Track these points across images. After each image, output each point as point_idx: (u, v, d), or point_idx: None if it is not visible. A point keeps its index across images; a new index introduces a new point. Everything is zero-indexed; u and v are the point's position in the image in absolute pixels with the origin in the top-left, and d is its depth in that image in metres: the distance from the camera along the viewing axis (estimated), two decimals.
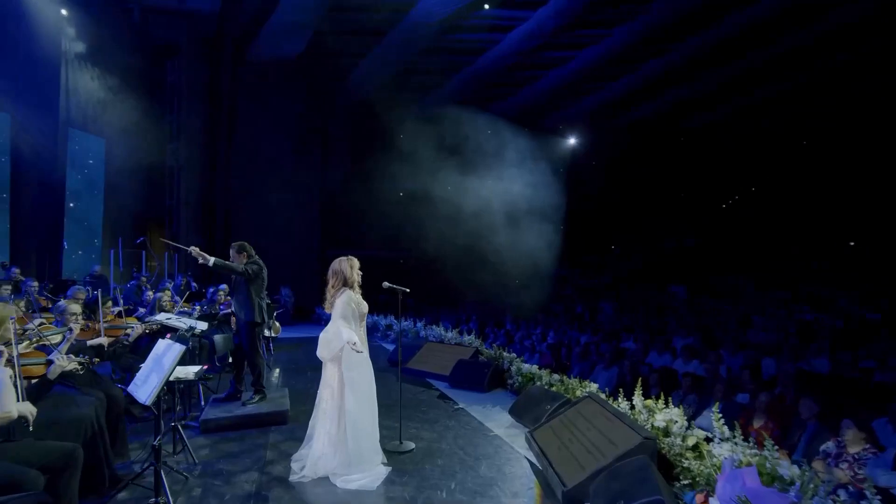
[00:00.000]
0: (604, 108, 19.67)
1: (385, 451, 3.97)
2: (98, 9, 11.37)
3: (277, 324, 9.36)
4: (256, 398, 4.99)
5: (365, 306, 3.89)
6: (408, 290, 4.21)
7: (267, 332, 9.13)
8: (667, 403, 3.60)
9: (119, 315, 5.29)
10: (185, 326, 4.51)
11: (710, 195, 22.65)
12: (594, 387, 4.65)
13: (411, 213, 16.68)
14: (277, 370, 7.67)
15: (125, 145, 12.56)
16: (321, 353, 3.74)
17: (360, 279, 3.91)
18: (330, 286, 3.80)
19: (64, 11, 9.90)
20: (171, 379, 3.21)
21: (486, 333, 12.49)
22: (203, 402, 5.28)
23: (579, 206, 19.08)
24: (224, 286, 7.60)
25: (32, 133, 10.37)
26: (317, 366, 7.79)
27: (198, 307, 7.19)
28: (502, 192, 14.92)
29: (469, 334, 8.39)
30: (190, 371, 3.26)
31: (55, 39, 10.26)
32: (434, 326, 9.16)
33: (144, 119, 13.15)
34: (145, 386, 2.90)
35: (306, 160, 17.31)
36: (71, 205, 11.18)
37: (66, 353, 3.81)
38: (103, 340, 3.90)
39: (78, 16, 10.69)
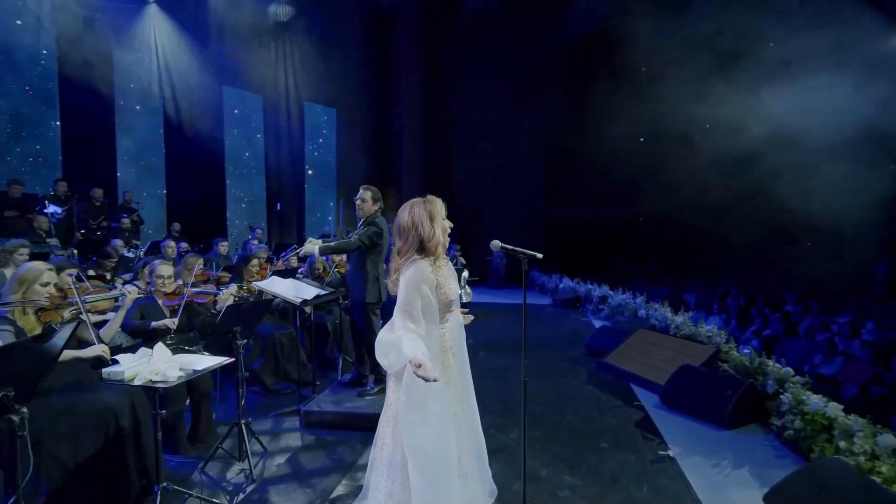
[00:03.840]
0: None
1: None
2: None
3: (469, 289, 8.35)
4: (375, 389, 3.89)
5: (453, 289, 2.18)
6: (539, 256, 2.30)
7: None
8: None
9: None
10: (283, 294, 3.65)
11: None
12: None
13: (656, 159, 13.44)
14: None
15: (354, 113, 13.36)
16: (381, 361, 2.22)
17: (446, 240, 2.22)
18: (395, 252, 2.21)
19: None
20: (141, 383, 2.21)
21: (751, 315, 8.92)
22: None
23: None
24: None
25: (277, 110, 11.76)
26: (501, 344, 6.48)
27: None
28: (796, 115, 10.25)
29: (712, 318, 5.66)
30: (172, 371, 2.17)
31: (283, 17, 11.23)
32: (657, 306, 6.60)
33: (370, 86, 13.77)
34: None
35: (527, 111, 15.66)
36: (310, 172, 12.47)
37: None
38: (169, 322, 3.23)
39: None
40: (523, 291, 2.34)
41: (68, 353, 2.57)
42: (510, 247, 2.31)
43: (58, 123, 9.11)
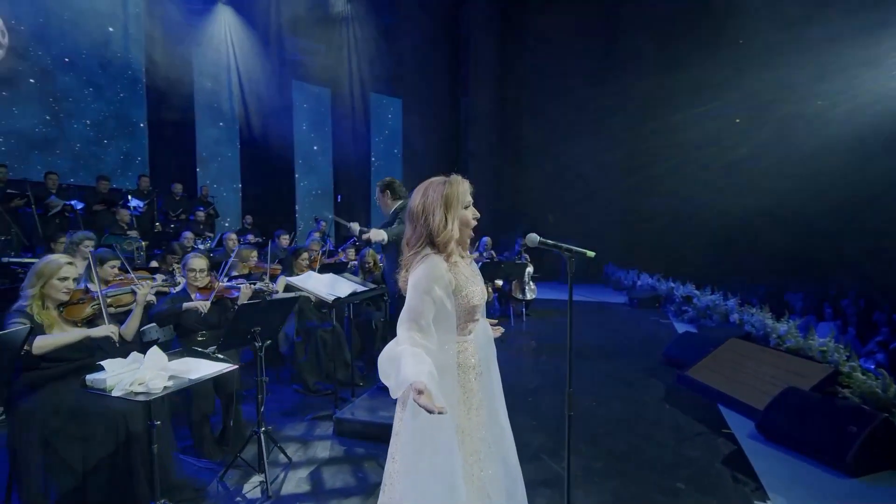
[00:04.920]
0: None
1: None
2: None
3: (533, 284, 7.81)
4: None
5: (478, 292, 1.70)
6: (590, 254, 1.78)
7: (520, 295, 7.73)
8: None
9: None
10: (314, 291, 3.39)
11: None
12: None
13: (757, 142, 11.93)
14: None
15: (420, 102, 13.14)
16: (384, 382, 1.81)
17: (466, 234, 1.74)
18: (404, 243, 1.78)
19: None
20: (120, 394, 1.98)
21: (874, 323, 7.51)
22: None
23: None
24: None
25: (344, 102, 11.81)
26: (566, 347, 5.84)
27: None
28: None
29: (823, 325, 4.67)
30: (157, 381, 1.91)
31: (349, 9, 11.19)
32: (754, 310, 5.63)
33: (437, 74, 13.47)
34: None
35: (608, 91, 14.47)
36: (376, 164, 12.44)
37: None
38: (200, 304, 3.15)
39: None
40: (569, 295, 1.83)
41: (80, 333, 2.45)
42: (551, 241, 1.81)
43: (144, 124, 9.71)
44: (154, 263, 5.39)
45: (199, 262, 3.34)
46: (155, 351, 2.10)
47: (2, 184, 6.39)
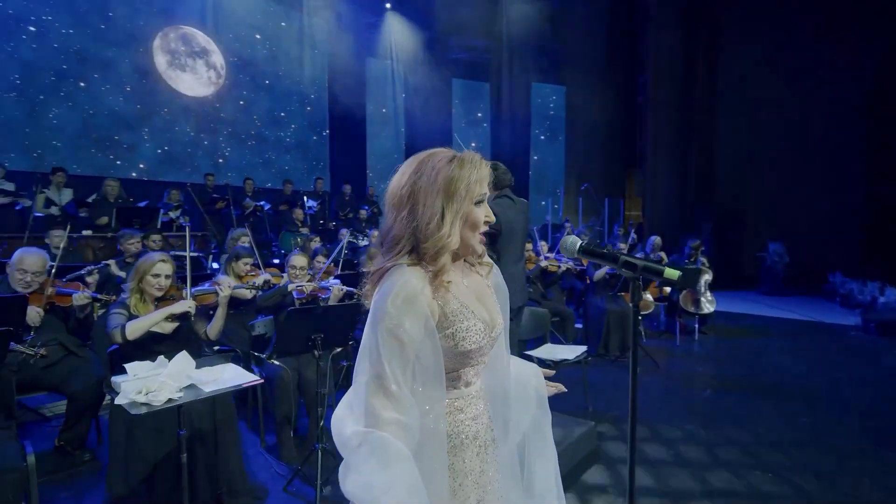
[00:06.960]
0: None
1: None
2: None
3: (710, 295, 6.29)
4: None
5: (476, 332, 1.06)
6: (672, 275, 1.00)
7: (692, 308, 6.30)
8: None
9: None
10: None
11: None
12: None
13: None
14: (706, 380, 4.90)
15: (588, 88, 12.02)
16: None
17: (473, 244, 1.09)
18: (378, 241, 1.16)
19: None
20: (123, 402, 1.84)
21: None
22: None
23: None
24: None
25: (503, 95, 11.47)
26: (752, 383, 4.45)
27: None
28: None
29: None
30: (161, 392, 1.70)
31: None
32: None
33: (609, 55, 12.17)
34: None
35: (837, 49, 11.15)
36: (535, 157, 11.80)
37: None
38: (306, 286, 3.18)
39: None
40: (633, 333, 1.13)
41: (162, 311, 2.54)
42: (600, 251, 1.08)
43: (326, 132, 10.87)
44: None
45: (299, 260, 3.37)
46: (183, 356, 2.01)
47: (209, 189, 7.74)
